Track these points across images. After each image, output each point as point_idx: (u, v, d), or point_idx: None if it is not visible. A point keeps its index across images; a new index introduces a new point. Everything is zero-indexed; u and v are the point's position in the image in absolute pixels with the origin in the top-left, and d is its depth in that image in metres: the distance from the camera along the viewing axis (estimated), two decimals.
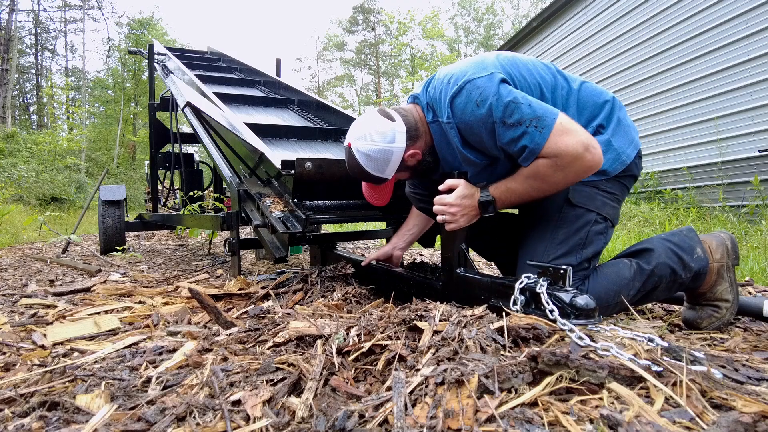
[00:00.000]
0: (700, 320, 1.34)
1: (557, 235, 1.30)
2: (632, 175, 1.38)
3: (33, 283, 2.43)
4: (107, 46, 27.43)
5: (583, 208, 1.30)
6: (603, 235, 1.32)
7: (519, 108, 1.16)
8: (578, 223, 1.30)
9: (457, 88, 1.23)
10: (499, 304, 1.12)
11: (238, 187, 2.11)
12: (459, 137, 1.30)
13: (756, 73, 4.34)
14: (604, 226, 1.32)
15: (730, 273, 1.34)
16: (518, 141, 1.18)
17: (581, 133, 1.16)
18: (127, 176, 20.78)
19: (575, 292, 1.00)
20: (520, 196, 1.26)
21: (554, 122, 1.15)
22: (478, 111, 1.20)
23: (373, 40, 32.23)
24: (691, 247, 1.34)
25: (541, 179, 1.21)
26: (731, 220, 3.83)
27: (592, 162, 1.16)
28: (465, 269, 1.36)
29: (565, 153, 1.14)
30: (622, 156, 1.32)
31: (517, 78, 1.27)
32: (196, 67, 4.45)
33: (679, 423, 0.62)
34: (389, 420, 0.68)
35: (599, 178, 1.32)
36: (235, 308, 1.67)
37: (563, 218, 1.31)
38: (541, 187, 1.23)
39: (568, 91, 1.33)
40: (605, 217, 1.32)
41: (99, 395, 0.88)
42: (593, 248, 1.30)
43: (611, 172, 1.32)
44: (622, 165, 1.32)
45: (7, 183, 11.20)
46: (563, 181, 1.21)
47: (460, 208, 1.30)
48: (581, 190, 1.31)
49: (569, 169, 1.17)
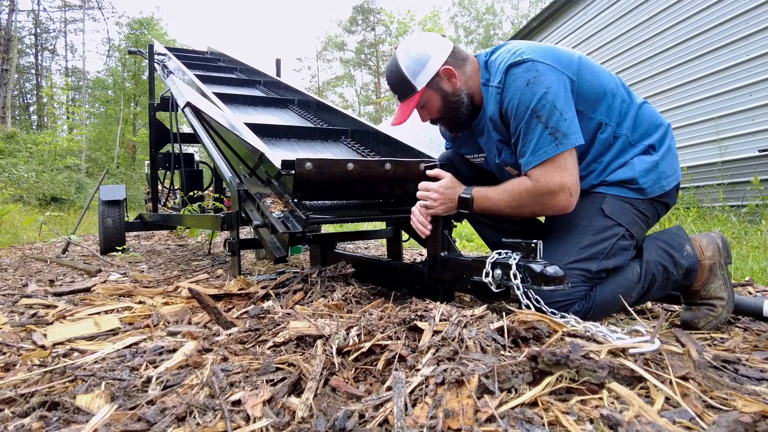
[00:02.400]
0: (697, 320, 1.34)
1: (582, 240, 1.30)
2: (666, 204, 1.39)
3: (33, 283, 2.43)
4: (107, 46, 27.46)
5: (614, 221, 1.31)
6: (627, 251, 1.32)
7: (554, 113, 1.21)
8: (606, 233, 1.30)
9: (519, 60, 1.27)
10: (481, 280, 1.22)
11: (238, 187, 2.11)
12: (498, 105, 1.33)
13: (756, 73, 4.34)
14: (630, 243, 1.33)
15: (723, 271, 1.35)
16: (532, 142, 1.23)
17: (569, 174, 1.23)
18: (127, 176, 20.79)
19: (545, 263, 1.08)
20: (493, 205, 1.34)
21: (566, 149, 1.21)
22: (525, 89, 1.24)
23: (373, 40, 32.23)
24: (680, 244, 1.36)
25: (515, 197, 1.29)
26: (731, 220, 3.83)
27: (562, 204, 1.25)
28: (448, 252, 1.44)
29: (546, 185, 1.23)
30: (663, 181, 1.33)
31: (584, 80, 1.29)
32: (196, 67, 4.45)
33: (679, 423, 0.62)
34: (389, 420, 0.68)
35: (637, 196, 1.33)
36: (235, 308, 1.67)
37: (592, 225, 1.31)
38: (511, 204, 1.31)
39: (629, 104, 1.36)
40: (633, 234, 1.32)
41: (99, 395, 0.88)
42: (614, 261, 1.30)
43: (649, 193, 1.33)
44: (661, 189, 1.34)
45: (7, 183, 11.19)
46: (530, 209, 1.30)
47: (440, 196, 1.40)
48: (616, 204, 1.32)
49: (541, 199, 1.25)
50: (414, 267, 1.61)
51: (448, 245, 1.46)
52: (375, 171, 1.63)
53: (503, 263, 1.16)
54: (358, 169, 1.59)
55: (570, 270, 1.26)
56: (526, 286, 1.10)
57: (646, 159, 1.33)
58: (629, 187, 1.33)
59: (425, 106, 1.45)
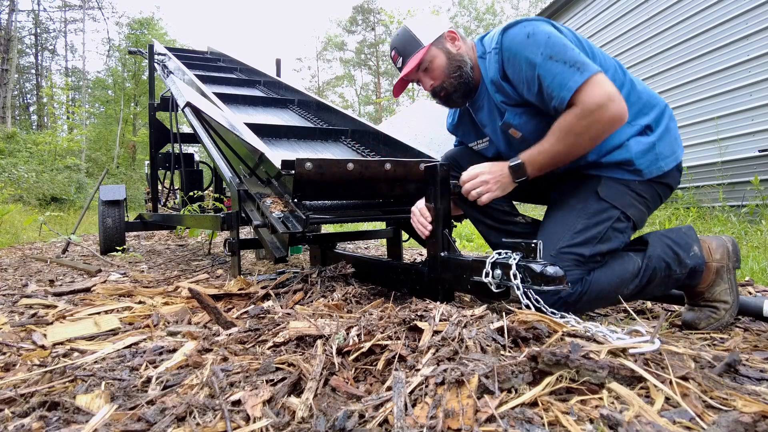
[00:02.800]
0: (698, 321, 1.34)
1: (576, 224, 1.31)
2: (668, 185, 1.38)
3: (33, 283, 2.43)
4: (107, 46, 27.46)
5: (608, 204, 1.30)
6: (622, 234, 1.32)
7: (567, 50, 1.22)
8: (600, 217, 1.30)
9: (514, 22, 1.32)
10: (481, 280, 1.22)
11: (238, 187, 2.11)
12: (499, 65, 1.34)
13: (756, 73, 4.34)
14: (626, 225, 1.32)
15: (730, 275, 1.34)
16: (558, 78, 1.22)
17: (609, 86, 1.20)
18: (127, 176, 20.78)
19: (545, 263, 1.08)
20: (549, 153, 1.29)
21: (593, 73, 1.20)
22: (527, 41, 1.26)
23: (373, 40, 32.23)
24: (688, 243, 1.34)
25: (567, 131, 1.24)
26: (731, 220, 3.83)
27: (615, 112, 1.20)
28: (448, 252, 1.43)
29: (591, 101, 1.18)
30: (661, 161, 1.32)
31: (577, 43, 1.31)
32: (196, 67, 4.45)
33: (679, 423, 0.62)
34: (389, 420, 0.68)
35: (634, 178, 1.32)
36: (235, 308, 1.67)
37: (586, 209, 1.31)
38: (567, 140, 1.25)
39: (623, 81, 1.35)
40: (629, 216, 1.32)
41: (99, 395, 0.88)
42: (608, 245, 1.30)
43: (646, 174, 1.32)
44: (659, 170, 1.33)
45: (7, 183, 11.19)
46: (588, 136, 1.23)
47: (492, 177, 1.36)
48: (611, 186, 1.32)
49: (593, 117, 1.20)
50: (414, 267, 1.61)
51: (448, 245, 1.46)
52: (375, 171, 1.63)
53: (503, 263, 1.16)
54: (358, 169, 1.59)
55: (563, 254, 1.27)
56: (526, 286, 1.10)
57: (642, 140, 1.32)
58: (626, 169, 1.32)
59: (429, 69, 1.45)
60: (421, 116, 2.64)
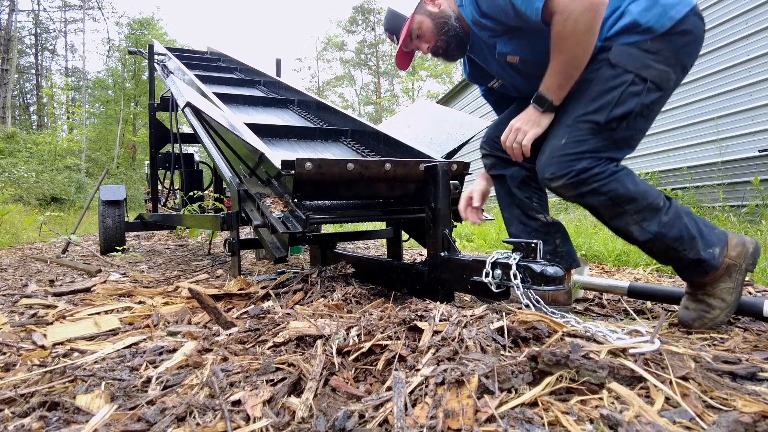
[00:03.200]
0: (692, 321, 1.32)
1: (591, 92, 1.31)
2: (688, 32, 1.29)
3: (33, 283, 2.43)
4: (107, 47, 27.50)
5: (621, 68, 1.29)
6: (638, 96, 1.29)
7: None
8: (613, 82, 1.29)
9: None
10: (481, 280, 1.23)
11: (238, 187, 2.11)
12: (474, 5, 1.39)
13: (756, 73, 4.34)
14: (642, 87, 1.29)
15: (739, 275, 1.31)
16: None
17: None
18: (127, 176, 20.80)
19: (545, 263, 1.09)
20: (560, 71, 1.30)
21: None
22: None
23: (373, 40, 32.23)
24: (712, 241, 1.31)
25: (560, 38, 1.24)
26: (731, 220, 3.83)
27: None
28: (448, 252, 1.45)
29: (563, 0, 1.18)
30: (671, 11, 1.27)
31: None
32: (196, 68, 4.45)
33: (679, 423, 0.62)
34: (389, 420, 0.68)
35: (643, 37, 1.28)
36: (235, 308, 1.67)
37: (599, 77, 1.31)
38: (566, 47, 1.25)
39: None
40: (645, 78, 1.28)
41: (99, 395, 0.88)
42: (623, 108, 1.28)
43: (658, 29, 1.27)
44: (671, 20, 1.26)
45: (7, 183, 11.20)
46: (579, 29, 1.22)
47: (523, 122, 1.40)
48: (622, 51, 1.30)
49: (574, 14, 1.20)
50: (414, 267, 1.61)
51: (448, 245, 1.46)
52: (375, 171, 1.63)
53: (503, 263, 1.16)
54: (358, 169, 1.59)
55: (578, 123, 1.28)
56: (526, 286, 1.10)
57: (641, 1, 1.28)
58: (635, 32, 1.29)
59: (420, 35, 1.54)
60: (421, 116, 2.64)
